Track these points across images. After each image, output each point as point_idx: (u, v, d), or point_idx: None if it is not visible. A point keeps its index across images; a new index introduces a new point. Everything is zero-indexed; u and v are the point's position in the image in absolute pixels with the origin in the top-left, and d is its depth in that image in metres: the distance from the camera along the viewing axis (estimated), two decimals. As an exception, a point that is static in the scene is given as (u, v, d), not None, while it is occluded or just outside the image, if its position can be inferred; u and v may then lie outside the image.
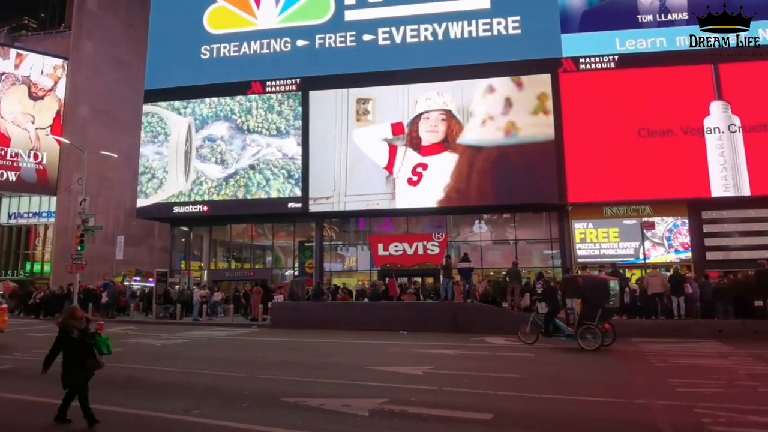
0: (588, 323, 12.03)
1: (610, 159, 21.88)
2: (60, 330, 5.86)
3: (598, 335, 11.86)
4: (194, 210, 25.26)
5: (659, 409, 6.69)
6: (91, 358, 5.81)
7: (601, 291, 12.40)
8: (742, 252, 21.11)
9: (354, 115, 24.40)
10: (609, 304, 12.35)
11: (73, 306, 7.33)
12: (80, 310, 6.30)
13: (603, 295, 12.28)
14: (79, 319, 5.91)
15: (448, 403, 7.06)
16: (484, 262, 23.83)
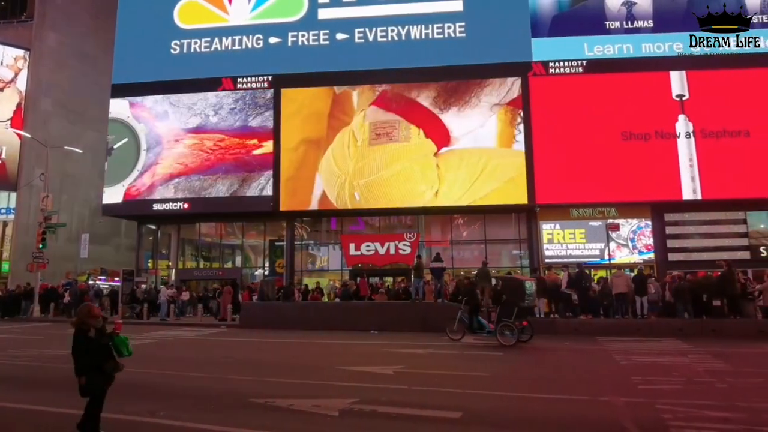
0: (506, 321, 12.91)
1: (577, 161, 22.39)
2: (75, 330, 5.32)
3: (515, 331, 12.75)
4: (174, 207, 24.77)
5: (622, 406, 6.89)
6: (111, 360, 5.30)
7: (517, 291, 13.28)
8: (702, 253, 21.89)
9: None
10: (525, 303, 13.22)
11: (89, 303, 6.52)
12: (96, 307, 5.76)
13: (519, 294, 13.18)
14: (96, 318, 5.37)
15: (417, 402, 7.13)
16: (456, 261, 24.07)
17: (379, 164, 23.54)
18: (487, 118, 23.45)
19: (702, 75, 22.58)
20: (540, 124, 22.93)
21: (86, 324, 5.29)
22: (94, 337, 5.27)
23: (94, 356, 5.21)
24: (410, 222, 25.28)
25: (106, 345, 5.30)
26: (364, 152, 23.79)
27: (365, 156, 23.76)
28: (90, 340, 5.25)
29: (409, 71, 24.02)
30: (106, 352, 5.30)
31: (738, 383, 8.37)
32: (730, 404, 6.91)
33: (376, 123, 23.91)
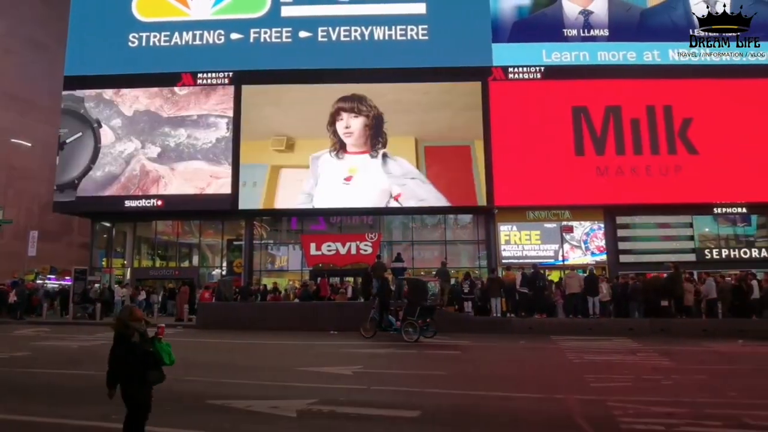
0: (410, 319, 13.63)
1: (534, 165, 22.94)
2: (116, 334, 4.84)
3: (417, 329, 13.60)
4: (147, 204, 24.02)
5: (575, 404, 7.13)
6: (155, 368, 4.81)
7: (420, 291, 14.12)
8: (652, 255, 22.82)
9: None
10: (427, 303, 14.03)
11: (131, 305, 6.05)
12: (139, 309, 5.32)
13: (422, 294, 14.04)
14: (139, 321, 4.88)
15: (376, 401, 7.22)
16: (416, 262, 24.28)
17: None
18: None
19: (656, 84, 23.51)
20: (499, 128, 23.40)
21: (130, 328, 4.81)
22: (138, 343, 4.80)
23: (138, 364, 4.73)
24: (372, 222, 25.34)
25: (150, 351, 4.82)
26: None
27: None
28: (134, 347, 4.77)
29: (372, 71, 24.08)
30: (152, 360, 4.81)
31: (683, 380, 8.79)
32: (675, 400, 7.25)
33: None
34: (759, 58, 23.72)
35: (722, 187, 22.70)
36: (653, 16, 24.60)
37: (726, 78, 23.43)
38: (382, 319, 14.65)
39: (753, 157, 22.78)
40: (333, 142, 23.63)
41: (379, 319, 14.63)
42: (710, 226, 23.74)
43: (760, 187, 22.65)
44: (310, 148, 23.74)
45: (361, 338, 14.34)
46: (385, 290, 15.51)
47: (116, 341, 4.85)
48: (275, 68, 24.28)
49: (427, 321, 14.11)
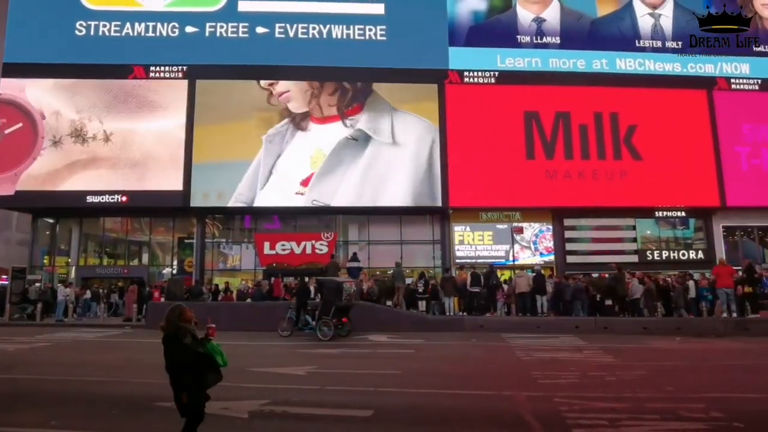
0: (325, 318, 14.01)
1: (487, 167, 23.47)
2: (167, 337, 4.49)
3: (332, 327, 14.04)
4: (112, 200, 22.98)
5: (523, 400, 7.31)
6: (213, 371, 4.55)
7: (335, 291, 14.56)
8: (597, 256, 23.72)
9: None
10: (342, 302, 14.52)
11: (180, 304, 5.30)
12: (189, 309, 4.82)
13: (337, 294, 14.53)
14: (189, 321, 4.58)
15: (330, 401, 7.21)
16: (372, 261, 24.34)
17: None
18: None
19: (603, 91, 24.45)
20: (454, 130, 23.77)
21: (181, 329, 4.48)
22: (190, 345, 4.49)
23: (195, 367, 4.45)
24: (328, 221, 25.23)
25: (206, 353, 4.55)
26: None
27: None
28: (187, 349, 4.46)
29: (329, 70, 23.99)
30: (209, 361, 4.54)
31: (625, 376, 9.16)
32: (618, 395, 7.56)
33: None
34: (698, 70, 25.07)
35: (663, 192, 23.88)
36: (602, 26, 25.57)
37: (668, 88, 24.65)
38: (299, 319, 14.98)
39: (691, 165, 24.10)
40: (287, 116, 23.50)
41: (296, 318, 14.99)
42: (652, 228, 24.90)
43: (697, 193, 23.98)
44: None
45: (316, 339, 14.26)
46: (302, 291, 15.88)
47: (168, 345, 4.51)
48: (231, 63, 23.83)
49: (343, 320, 14.49)
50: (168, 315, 4.65)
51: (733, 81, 25.26)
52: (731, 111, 24.78)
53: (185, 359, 4.42)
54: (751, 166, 24.40)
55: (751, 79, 25.35)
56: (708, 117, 24.69)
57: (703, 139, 24.49)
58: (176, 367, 4.43)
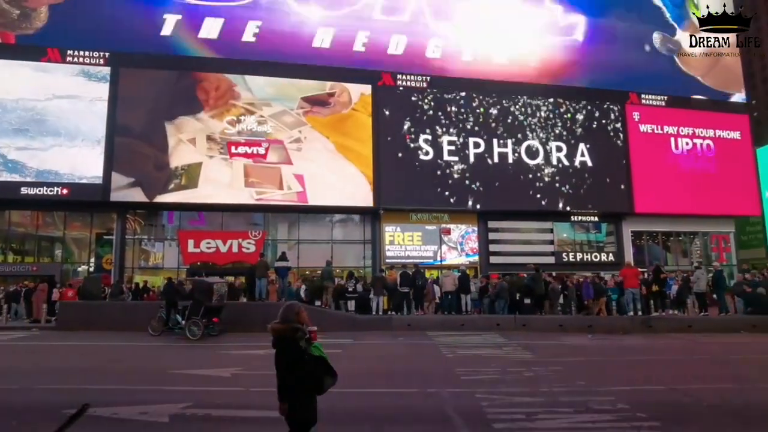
0: (194, 318, 14.16)
1: (417, 169, 23.98)
2: (281, 339, 4.14)
3: (201, 327, 14.10)
4: (50, 192, 21.19)
5: (447, 397, 7.53)
6: (329, 374, 4.19)
7: (206, 292, 14.90)
8: (517, 257, 24.77)
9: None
10: (212, 303, 14.89)
11: (294, 303, 4.76)
12: (304, 309, 4.40)
13: (207, 295, 14.88)
14: (305, 323, 4.19)
15: (255, 403, 7.09)
16: (302, 261, 24.11)
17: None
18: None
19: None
20: (387, 132, 24.04)
21: (299, 331, 4.14)
22: (305, 348, 4.14)
23: (311, 372, 4.12)
24: (256, 220, 24.69)
25: (321, 357, 4.21)
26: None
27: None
28: (304, 352, 4.12)
29: (265, 65, 23.50)
30: (325, 365, 4.19)
31: (541, 371, 9.63)
32: (535, 390, 7.95)
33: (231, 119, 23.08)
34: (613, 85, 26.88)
35: (580, 198, 25.43)
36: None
37: (588, 101, 26.26)
38: (169, 318, 14.90)
39: (606, 172, 25.82)
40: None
41: (167, 317, 14.90)
42: (568, 232, 26.39)
43: (610, 199, 25.73)
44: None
45: (243, 339, 13.95)
46: (171, 290, 15.69)
47: (282, 348, 4.18)
48: (157, 52, 22.78)
49: (213, 320, 14.59)
50: (284, 314, 4.32)
51: (644, 96, 27.29)
52: (642, 123, 26.84)
53: (302, 363, 4.12)
54: (657, 176, 26.47)
55: (658, 95, 27.49)
56: (620, 128, 26.56)
57: (617, 148, 26.29)
58: (292, 372, 4.12)
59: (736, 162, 27.69)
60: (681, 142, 27.21)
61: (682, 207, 26.43)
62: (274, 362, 4.18)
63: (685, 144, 27.25)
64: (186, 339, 13.96)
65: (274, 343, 4.25)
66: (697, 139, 27.46)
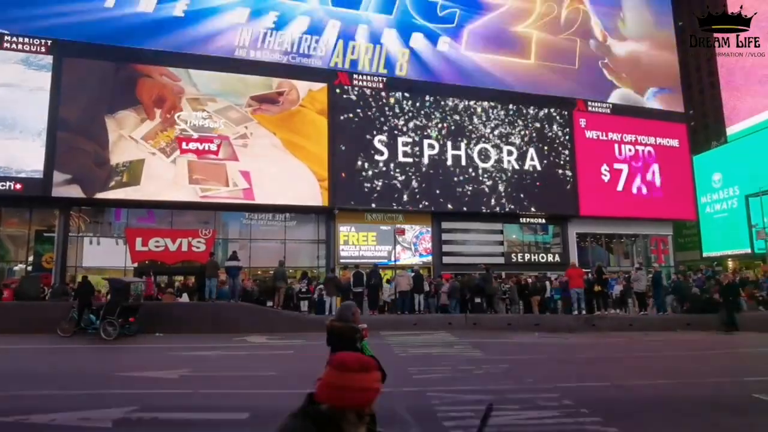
0: (109, 318, 14.00)
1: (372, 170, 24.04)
2: (338, 337, 4.20)
3: (117, 327, 13.93)
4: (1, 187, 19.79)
5: (399, 396, 7.54)
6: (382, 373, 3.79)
7: (123, 291, 14.67)
8: (469, 257, 25.24)
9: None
10: (128, 302, 14.61)
11: (352, 302, 4.94)
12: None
13: (124, 294, 14.59)
14: (359, 321, 4.23)
15: (204, 405, 6.96)
16: (253, 261, 23.72)
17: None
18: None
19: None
20: (342, 131, 23.98)
21: (358, 332, 4.13)
22: (359, 348, 4.11)
23: None
24: (207, 218, 24.06)
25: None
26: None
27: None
28: (359, 351, 4.04)
29: (218, 59, 22.95)
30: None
31: (491, 369, 9.87)
32: (484, 388, 8.15)
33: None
34: (562, 92, 27.82)
35: (529, 200, 26.18)
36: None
37: (539, 107, 27.09)
38: (81, 318, 14.52)
39: (554, 176, 26.71)
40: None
41: (79, 317, 14.51)
42: (517, 233, 27.10)
43: (557, 202, 26.61)
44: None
45: (191, 340, 13.63)
46: (85, 290, 15.37)
47: (339, 346, 4.17)
48: (103, 43, 21.87)
49: (130, 319, 14.37)
50: (342, 314, 4.42)
51: (590, 104, 28.39)
52: (588, 129, 27.93)
53: None
54: (602, 181, 27.61)
55: (603, 103, 28.67)
56: (568, 134, 27.53)
57: (564, 153, 27.22)
58: None
59: (675, 168, 29.21)
60: (624, 149, 28.45)
61: (625, 210, 27.64)
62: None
63: (627, 150, 28.52)
64: (101, 340, 13.51)
65: (329, 340, 4.33)
66: (639, 146, 28.79)
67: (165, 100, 22.15)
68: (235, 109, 22.88)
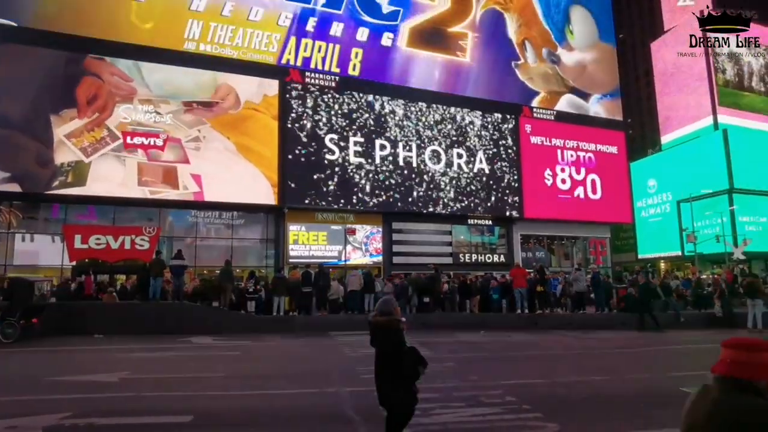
0: (10, 319, 13.43)
1: (323, 170, 23.95)
2: (384, 331, 4.42)
3: (17, 329, 13.30)
4: None
5: (347, 396, 7.61)
6: (422, 363, 4.31)
7: (27, 291, 14.12)
8: (418, 258, 25.59)
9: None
10: (31, 302, 14.05)
11: (391, 297, 5.05)
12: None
13: (28, 294, 14.06)
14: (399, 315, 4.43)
15: (145, 408, 6.75)
16: (199, 260, 23.12)
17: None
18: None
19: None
20: (294, 129, 23.75)
21: (402, 323, 4.42)
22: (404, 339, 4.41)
23: (409, 361, 4.31)
24: (152, 215, 23.25)
25: (412, 347, 4.40)
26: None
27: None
28: (403, 343, 4.42)
29: (167, 52, 22.22)
30: (417, 355, 4.37)
31: (437, 368, 9.96)
32: (431, 386, 8.14)
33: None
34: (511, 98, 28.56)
35: (475, 203, 26.76)
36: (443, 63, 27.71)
37: (486, 112, 27.68)
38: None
39: (501, 180, 27.41)
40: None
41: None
42: (464, 234, 27.68)
43: (503, 205, 27.33)
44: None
45: (134, 341, 13.14)
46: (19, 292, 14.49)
47: (385, 340, 4.46)
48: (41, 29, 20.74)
49: (32, 321, 13.80)
50: (385, 308, 4.65)
51: (535, 110, 29.38)
52: (533, 135, 28.87)
53: (402, 353, 4.37)
54: (545, 184, 28.62)
55: (547, 110, 29.74)
56: (514, 139, 28.36)
57: (510, 157, 28.01)
58: (393, 361, 4.35)
59: (613, 174, 30.72)
60: (566, 154, 29.65)
61: (566, 213, 28.86)
62: (375, 355, 4.58)
63: (570, 156, 29.74)
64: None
65: (374, 337, 4.57)
66: (581, 151, 30.08)
67: (98, 99, 21.20)
68: (189, 112, 22.28)
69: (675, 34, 37.08)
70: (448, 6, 27.89)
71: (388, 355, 4.43)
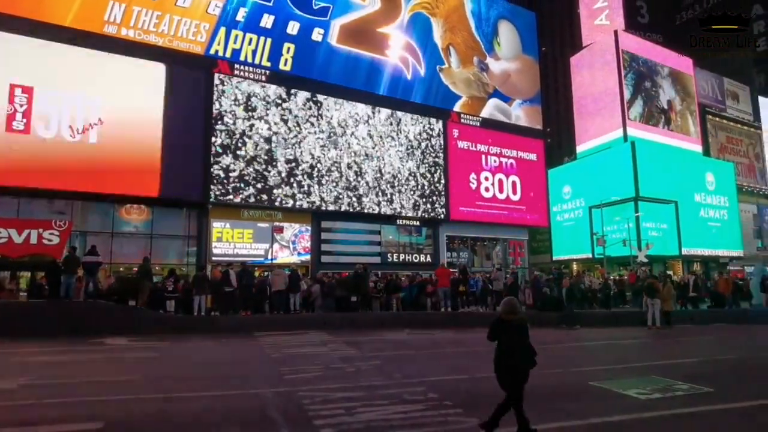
0: None
1: (254, 169, 23.42)
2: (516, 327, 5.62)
3: None
4: None
5: (269, 397, 7.50)
6: (535, 354, 5.63)
7: None
8: (347, 257, 25.62)
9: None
10: None
11: (512, 297, 6.29)
12: None
13: None
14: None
15: (49, 416, 6.32)
16: (116, 256, 21.83)
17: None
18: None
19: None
20: (222, 123, 23.01)
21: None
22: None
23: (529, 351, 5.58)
24: (63, 207, 21.61)
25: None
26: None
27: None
28: (528, 336, 5.61)
29: (87, 35, 20.77)
30: (532, 347, 5.64)
31: (362, 366, 10.10)
32: (356, 385, 8.31)
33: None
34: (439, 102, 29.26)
35: (404, 203, 27.19)
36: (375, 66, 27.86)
37: (412, 113, 28.27)
38: None
39: (427, 181, 28.04)
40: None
41: None
42: (393, 234, 28.07)
43: (429, 206, 27.96)
44: None
45: (37, 345, 12.22)
46: None
47: (513, 335, 5.55)
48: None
49: None
50: (512, 307, 5.66)
51: (462, 116, 30.37)
52: (460, 139, 29.80)
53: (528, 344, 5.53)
54: (469, 188, 29.68)
55: (474, 116, 30.86)
56: (442, 143, 29.12)
57: (438, 161, 28.73)
58: (519, 351, 5.49)
59: (532, 180, 32.41)
60: (490, 159, 30.91)
61: (488, 216, 30.17)
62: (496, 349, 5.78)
63: (493, 161, 31.02)
64: None
65: (496, 332, 5.66)
66: (503, 157, 31.49)
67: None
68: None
69: (591, 51, 39.48)
70: (378, 6, 28.10)
71: (521, 345, 5.52)
